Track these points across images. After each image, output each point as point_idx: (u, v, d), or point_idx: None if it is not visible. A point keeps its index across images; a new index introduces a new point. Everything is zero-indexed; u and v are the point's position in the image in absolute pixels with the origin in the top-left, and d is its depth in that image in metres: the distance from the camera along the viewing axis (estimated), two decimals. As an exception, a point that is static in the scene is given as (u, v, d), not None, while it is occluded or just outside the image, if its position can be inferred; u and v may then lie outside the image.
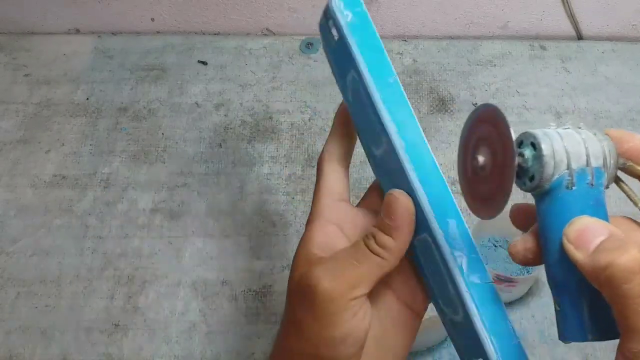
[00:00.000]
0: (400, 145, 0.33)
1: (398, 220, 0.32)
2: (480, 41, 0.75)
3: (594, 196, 0.28)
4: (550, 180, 0.28)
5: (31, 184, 0.66)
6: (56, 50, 0.76)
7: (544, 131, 0.29)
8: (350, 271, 0.31)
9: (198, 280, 0.59)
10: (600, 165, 0.28)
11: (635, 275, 0.25)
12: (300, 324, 0.32)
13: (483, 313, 0.31)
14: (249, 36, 0.77)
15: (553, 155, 0.28)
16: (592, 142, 0.29)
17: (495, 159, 0.27)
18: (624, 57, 0.73)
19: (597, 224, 0.27)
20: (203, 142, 0.68)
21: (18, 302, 0.59)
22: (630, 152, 0.30)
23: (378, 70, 0.34)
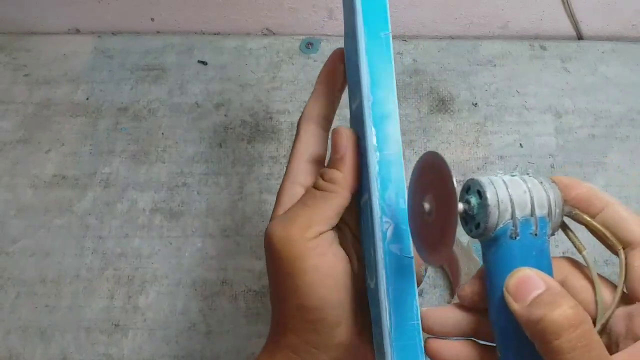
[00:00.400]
0: (368, 99, 0.32)
1: (342, 149, 0.33)
2: (480, 41, 0.75)
3: (537, 246, 0.28)
4: (494, 229, 0.28)
5: (31, 184, 0.66)
6: (56, 50, 0.76)
7: (491, 179, 0.29)
8: (301, 215, 0.32)
9: (198, 280, 0.59)
10: (544, 214, 0.29)
11: (565, 331, 0.25)
12: (278, 283, 0.32)
13: (391, 283, 0.31)
14: (249, 36, 0.77)
15: (497, 204, 0.28)
16: (538, 191, 0.29)
17: (440, 206, 0.27)
18: (625, 57, 0.73)
19: (535, 277, 0.27)
20: (203, 142, 0.68)
21: (18, 302, 0.59)
22: (577, 199, 0.30)
23: (373, 20, 0.33)
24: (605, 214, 0.30)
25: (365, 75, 0.33)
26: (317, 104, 0.37)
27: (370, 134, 0.32)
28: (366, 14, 0.33)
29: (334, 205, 0.32)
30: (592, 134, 0.67)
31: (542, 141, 0.67)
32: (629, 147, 0.66)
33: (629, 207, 0.62)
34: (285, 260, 0.31)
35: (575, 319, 0.25)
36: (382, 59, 0.33)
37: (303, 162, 0.35)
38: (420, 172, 0.29)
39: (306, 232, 0.31)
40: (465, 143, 0.67)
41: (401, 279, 0.31)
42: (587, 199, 0.30)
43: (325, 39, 0.76)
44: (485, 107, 0.69)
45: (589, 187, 0.30)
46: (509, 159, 0.65)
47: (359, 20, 0.33)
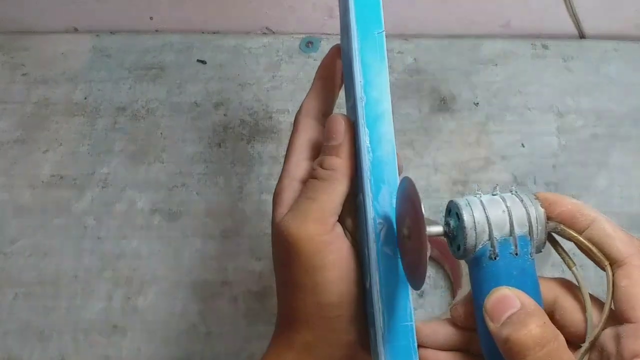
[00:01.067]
0: (361, 98, 0.32)
1: (340, 136, 0.33)
2: (481, 40, 0.75)
3: (518, 265, 0.29)
4: (474, 250, 0.29)
5: (29, 184, 0.65)
6: (54, 49, 0.76)
7: (469, 200, 0.29)
8: (311, 209, 0.31)
9: (197, 281, 0.59)
10: (525, 233, 0.29)
11: (531, 350, 0.25)
12: (294, 280, 0.32)
13: (384, 284, 0.31)
14: (249, 35, 0.77)
15: (474, 226, 0.28)
16: (517, 210, 0.29)
17: (414, 231, 0.28)
18: (627, 57, 0.73)
19: (512, 296, 0.27)
20: (202, 141, 0.68)
21: (16, 303, 0.58)
22: (562, 216, 0.30)
23: (367, 18, 0.33)
24: (591, 231, 0.30)
25: (358, 75, 0.32)
26: (315, 99, 0.37)
27: (363, 134, 0.32)
28: (359, 12, 0.33)
29: (338, 193, 0.32)
30: (595, 134, 0.67)
31: (544, 141, 0.66)
32: (631, 147, 0.66)
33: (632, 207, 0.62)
34: (304, 257, 0.31)
35: (542, 338, 0.25)
36: (376, 58, 0.33)
37: (302, 159, 0.35)
38: (399, 199, 0.30)
39: (321, 226, 0.31)
40: (467, 143, 0.66)
41: (395, 280, 0.31)
42: (573, 216, 0.30)
43: (326, 38, 0.76)
44: (487, 106, 0.69)
45: (574, 204, 0.30)
46: (511, 159, 0.65)
47: (352, 18, 0.33)
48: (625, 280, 0.28)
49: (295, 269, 0.32)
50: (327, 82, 0.37)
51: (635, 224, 0.60)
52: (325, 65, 0.37)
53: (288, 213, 0.33)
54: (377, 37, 0.33)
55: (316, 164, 0.33)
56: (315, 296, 0.31)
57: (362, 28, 0.33)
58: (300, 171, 0.35)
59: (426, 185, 0.63)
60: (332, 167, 0.32)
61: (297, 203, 0.33)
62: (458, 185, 0.63)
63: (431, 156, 0.65)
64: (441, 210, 0.62)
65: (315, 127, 0.36)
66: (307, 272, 0.31)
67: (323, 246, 0.31)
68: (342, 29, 0.36)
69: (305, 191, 0.33)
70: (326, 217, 0.31)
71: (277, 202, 0.34)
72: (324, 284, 0.31)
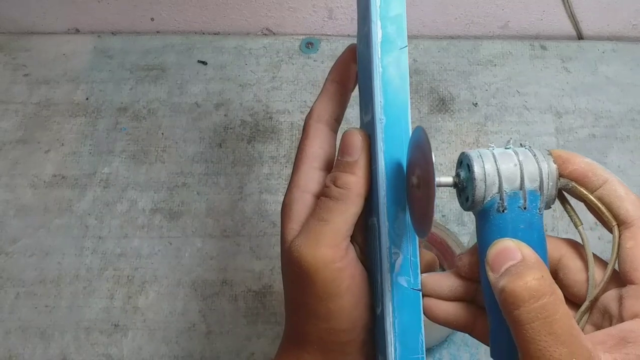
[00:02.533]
0: (380, 119, 0.30)
1: (356, 153, 0.31)
2: (480, 41, 0.75)
3: (526, 219, 0.28)
4: (482, 202, 0.29)
5: (31, 184, 0.66)
6: (56, 50, 0.76)
7: (480, 152, 0.29)
8: (324, 233, 0.30)
9: (198, 280, 0.59)
10: (535, 187, 0.29)
11: (525, 302, 0.25)
12: (305, 305, 0.31)
13: (397, 317, 0.30)
14: (249, 36, 0.77)
15: (484, 178, 0.28)
16: (529, 164, 0.29)
17: (424, 180, 0.27)
18: (625, 57, 0.73)
19: (514, 248, 0.27)
20: (203, 142, 0.68)
21: (18, 302, 0.59)
22: (575, 174, 0.30)
23: (390, 31, 0.30)
24: (602, 190, 0.29)
25: (378, 94, 0.30)
26: (328, 104, 0.34)
27: (380, 158, 0.30)
28: (382, 25, 0.30)
29: (351, 214, 0.30)
30: (593, 134, 0.67)
31: (543, 141, 0.66)
32: (629, 147, 0.66)
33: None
34: (319, 284, 0.30)
35: (538, 290, 0.25)
36: (397, 75, 0.30)
37: (314, 169, 0.33)
38: (411, 148, 0.29)
39: (335, 252, 0.30)
40: (466, 143, 0.67)
41: (407, 312, 0.30)
42: (585, 175, 0.29)
43: (325, 38, 0.76)
44: (486, 107, 0.69)
45: (587, 163, 0.30)
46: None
47: (375, 31, 0.30)
48: (631, 242, 0.28)
49: (308, 295, 0.30)
50: (340, 86, 0.34)
51: (633, 224, 0.60)
52: (338, 68, 0.35)
53: (300, 236, 0.31)
54: (399, 52, 0.30)
55: (329, 181, 0.31)
56: (328, 322, 0.30)
57: (385, 43, 0.30)
58: (311, 183, 0.32)
59: (425, 185, 0.64)
60: (347, 185, 0.30)
61: (310, 224, 0.31)
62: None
63: (430, 156, 0.66)
64: (440, 210, 0.62)
65: (327, 134, 0.33)
66: (320, 299, 0.30)
67: (337, 273, 0.30)
68: (361, 36, 0.33)
69: (318, 211, 0.31)
70: (340, 242, 0.30)
71: (287, 214, 0.32)
72: (337, 311, 0.30)
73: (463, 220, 0.62)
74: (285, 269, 0.32)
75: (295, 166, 0.33)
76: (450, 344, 0.55)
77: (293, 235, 0.31)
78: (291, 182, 0.33)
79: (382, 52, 0.30)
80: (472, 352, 0.55)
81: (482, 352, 0.55)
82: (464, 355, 0.55)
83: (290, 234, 0.31)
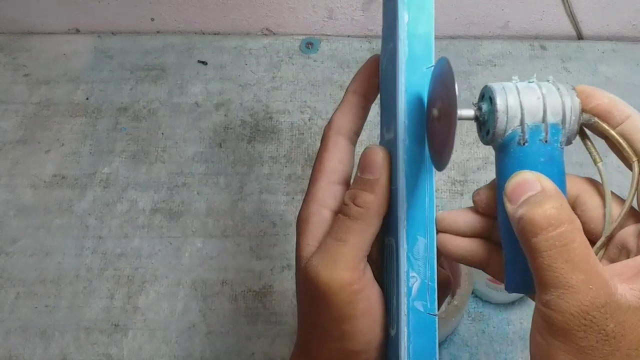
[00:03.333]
0: (403, 140, 0.29)
1: (376, 171, 0.30)
2: (480, 41, 0.75)
3: (547, 153, 0.28)
4: (503, 135, 0.28)
5: (31, 184, 0.66)
6: (56, 50, 0.76)
7: (504, 85, 0.29)
8: (341, 254, 0.29)
9: (198, 280, 0.59)
10: (558, 121, 0.28)
11: (543, 230, 0.25)
12: (320, 325, 0.31)
13: (412, 342, 0.30)
14: (249, 36, 0.77)
15: (506, 110, 0.28)
16: (552, 98, 0.28)
17: (445, 112, 0.27)
18: (625, 57, 0.73)
19: (533, 179, 0.27)
20: (203, 142, 0.68)
21: (18, 302, 0.59)
22: (597, 109, 0.29)
23: (417, 51, 0.29)
24: (624, 126, 0.29)
25: (402, 114, 0.29)
26: (347, 115, 0.33)
27: (402, 177, 0.29)
28: (410, 45, 0.29)
29: (369, 234, 0.30)
30: (592, 134, 0.67)
31: (543, 141, 0.66)
32: (629, 147, 0.66)
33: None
34: (334, 306, 0.29)
35: (556, 219, 0.25)
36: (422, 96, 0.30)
37: (332, 183, 0.32)
38: (433, 80, 0.29)
39: (353, 273, 0.29)
40: (466, 143, 0.67)
41: (423, 336, 0.30)
42: (608, 110, 0.29)
43: (325, 39, 0.76)
44: (486, 107, 0.69)
45: (611, 98, 0.29)
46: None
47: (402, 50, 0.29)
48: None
49: (323, 315, 0.30)
50: (361, 97, 0.33)
51: (632, 224, 0.60)
52: (360, 79, 0.33)
53: (318, 255, 0.30)
54: (426, 72, 0.29)
55: (348, 199, 0.30)
56: (342, 343, 0.30)
57: (411, 62, 0.29)
58: (329, 198, 0.32)
59: (425, 185, 0.64)
60: (366, 205, 0.30)
61: (328, 244, 0.30)
62: (457, 185, 0.64)
63: (430, 156, 0.66)
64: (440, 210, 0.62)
65: (346, 147, 0.32)
66: (335, 321, 0.29)
67: (354, 296, 0.29)
68: (385, 51, 0.32)
69: (337, 230, 0.30)
70: (357, 263, 0.29)
71: (304, 229, 0.31)
72: (352, 333, 0.30)
73: (463, 220, 0.62)
74: (300, 286, 0.32)
75: (313, 179, 0.32)
76: (450, 344, 0.55)
77: (309, 251, 0.31)
78: (308, 196, 0.32)
79: (407, 72, 0.29)
80: (472, 352, 0.55)
81: (481, 352, 0.55)
82: (464, 355, 0.55)
83: (306, 249, 0.31)
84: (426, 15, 0.29)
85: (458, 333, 0.55)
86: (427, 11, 0.29)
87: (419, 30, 0.29)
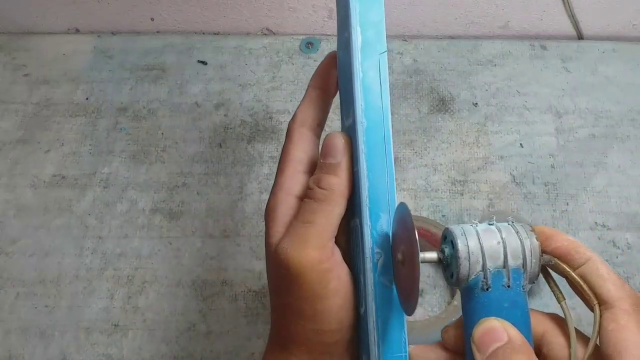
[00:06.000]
0: (362, 122, 0.31)
1: (338, 154, 0.31)
2: (480, 41, 0.75)
3: (510, 297, 0.29)
4: (467, 280, 0.29)
5: (30, 184, 0.66)
6: (55, 50, 0.76)
7: (464, 229, 0.29)
8: (310, 234, 0.30)
9: (198, 280, 0.59)
10: (519, 265, 0.29)
11: None
12: (293, 306, 0.31)
13: (380, 315, 0.30)
14: (249, 36, 0.77)
15: (468, 255, 0.28)
16: (512, 241, 0.29)
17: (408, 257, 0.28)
18: (625, 57, 0.73)
19: (500, 328, 0.27)
20: (203, 142, 0.68)
21: (17, 302, 0.59)
22: (558, 251, 0.30)
23: (370, 37, 0.31)
24: (584, 269, 0.29)
25: (359, 98, 0.31)
26: (310, 109, 0.35)
27: (362, 160, 0.31)
28: (362, 31, 0.31)
29: (335, 215, 0.31)
30: (593, 134, 0.67)
31: (543, 141, 0.66)
32: (629, 147, 0.66)
33: (629, 207, 0.62)
34: (306, 286, 0.30)
35: None
36: (377, 79, 0.31)
37: (298, 172, 0.33)
38: (395, 224, 0.30)
39: (322, 253, 0.30)
40: (466, 143, 0.67)
41: (390, 311, 0.31)
42: (568, 252, 0.30)
43: (325, 38, 0.76)
44: (486, 107, 0.69)
45: (570, 241, 0.30)
46: (510, 159, 0.65)
47: (355, 37, 0.31)
48: (613, 324, 0.28)
49: (295, 297, 0.31)
50: (321, 91, 0.35)
51: (633, 224, 0.60)
52: (320, 74, 0.36)
53: (286, 238, 0.31)
54: (379, 57, 0.31)
55: (313, 183, 0.32)
56: (315, 324, 0.31)
57: (365, 48, 0.31)
58: (295, 185, 0.33)
59: (425, 185, 0.64)
60: (330, 187, 0.31)
61: (295, 227, 0.31)
62: (457, 185, 0.64)
63: (430, 156, 0.66)
64: (440, 210, 0.62)
65: (310, 138, 0.34)
66: (307, 301, 0.30)
67: (324, 274, 0.30)
68: (341, 42, 0.34)
69: (303, 213, 0.31)
70: (325, 243, 0.30)
71: (272, 217, 0.33)
72: (325, 312, 0.30)
73: (463, 220, 0.62)
74: (271, 271, 0.33)
75: (279, 170, 0.34)
76: (450, 344, 0.55)
77: (278, 238, 0.32)
78: (275, 186, 0.33)
79: (362, 57, 0.31)
80: (472, 352, 0.55)
81: (482, 352, 0.55)
82: (464, 355, 0.55)
83: (275, 236, 0.32)
84: (377, 3, 0.31)
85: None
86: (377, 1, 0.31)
87: (370, 18, 0.31)
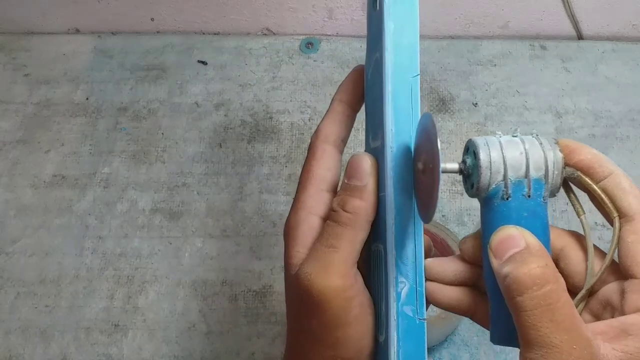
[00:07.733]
0: (391, 147, 0.30)
1: (364, 177, 0.30)
2: (480, 41, 0.75)
3: (530, 207, 0.28)
4: (487, 190, 0.29)
5: (31, 184, 0.66)
6: (56, 50, 0.76)
7: (487, 139, 0.29)
8: (332, 260, 0.29)
9: (198, 280, 0.59)
10: (540, 176, 0.29)
11: (528, 289, 0.25)
12: (311, 332, 0.30)
13: (402, 347, 0.30)
14: (249, 36, 0.77)
15: (489, 165, 0.28)
16: (535, 153, 0.29)
17: (429, 166, 0.27)
18: (625, 57, 0.73)
19: (517, 235, 0.27)
20: (203, 142, 0.68)
21: (18, 302, 0.59)
22: (581, 164, 0.30)
23: (403, 61, 0.30)
24: (607, 182, 0.29)
25: (389, 122, 0.30)
26: (334, 124, 0.33)
27: (389, 185, 0.30)
28: (396, 55, 0.30)
29: (359, 240, 0.30)
30: (592, 134, 0.67)
31: (543, 141, 0.66)
32: (629, 147, 0.66)
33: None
34: (329, 313, 0.29)
35: (542, 278, 0.25)
36: (408, 103, 0.30)
37: (321, 191, 0.32)
38: (418, 134, 0.29)
39: (345, 280, 0.29)
40: (466, 143, 0.67)
41: (412, 341, 0.30)
42: (591, 165, 0.29)
43: (325, 38, 0.76)
44: (486, 107, 0.69)
45: (594, 154, 0.30)
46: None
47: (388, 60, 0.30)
48: (633, 236, 0.28)
49: (316, 323, 0.30)
50: (347, 106, 0.34)
51: (632, 224, 0.60)
52: (347, 88, 0.34)
53: (308, 262, 0.30)
54: (412, 81, 0.30)
55: (337, 205, 0.31)
56: (334, 350, 0.30)
57: (397, 71, 0.30)
58: (317, 205, 0.32)
59: (425, 185, 0.64)
60: (355, 210, 0.30)
61: (318, 251, 0.30)
62: (457, 185, 0.64)
63: (430, 156, 0.66)
64: (440, 210, 0.62)
65: (333, 155, 0.33)
66: (328, 328, 0.30)
67: (347, 302, 0.29)
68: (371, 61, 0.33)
69: (327, 237, 0.30)
70: (349, 270, 0.30)
71: (292, 236, 0.31)
72: (345, 340, 0.30)
73: (463, 221, 0.62)
74: (290, 293, 0.32)
75: (301, 186, 0.32)
76: (450, 344, 0.55)
77: (299, 258, 0.31)
78: (297, 203, 0.32)
79: (393, 80, 0.30)
80: (472, 352, 0.55)
81: (481, 352, 0.55)
82: (464, 355, 0.55)
83: (297, 257, 0.31)
84: (411, 25, 0.30)
85: (458, 333, 0.55)
86: (412, 22, 0.30)
87: (404, 40, 0.30)
